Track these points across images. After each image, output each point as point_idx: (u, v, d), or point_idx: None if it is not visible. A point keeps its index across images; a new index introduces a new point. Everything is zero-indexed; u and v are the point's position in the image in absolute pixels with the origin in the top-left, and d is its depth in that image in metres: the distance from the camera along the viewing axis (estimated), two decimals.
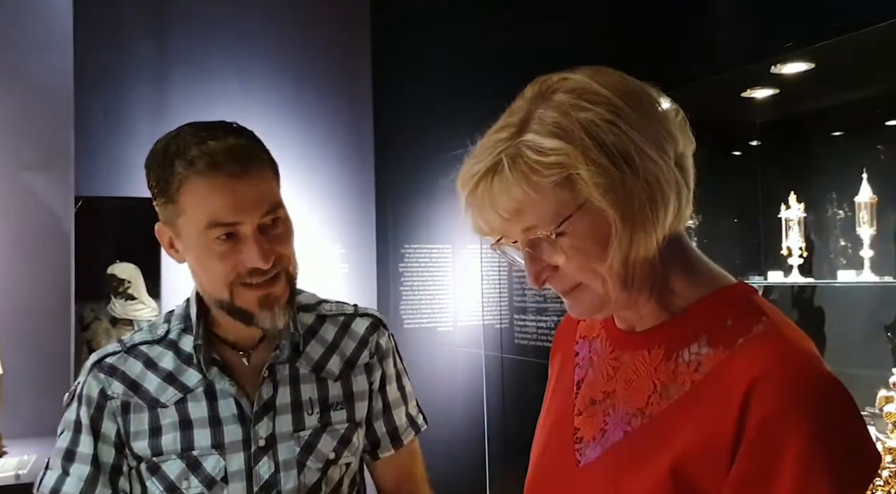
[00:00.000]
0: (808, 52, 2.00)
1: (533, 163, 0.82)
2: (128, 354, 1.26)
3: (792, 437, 0.76)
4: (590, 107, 0.83)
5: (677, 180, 0.86)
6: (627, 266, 0.85)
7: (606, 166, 0.81)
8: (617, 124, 0.82)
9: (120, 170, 3.59)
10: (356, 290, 4.20)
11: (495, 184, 0.84)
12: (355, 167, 4.24)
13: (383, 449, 1.38)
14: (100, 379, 1.23)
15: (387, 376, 1.38)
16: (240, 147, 1.13)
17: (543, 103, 0.85)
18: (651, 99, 0.88)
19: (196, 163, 1.11)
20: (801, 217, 2.48)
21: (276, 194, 1.18)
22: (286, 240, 1.19)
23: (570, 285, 0.89)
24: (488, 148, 0.85)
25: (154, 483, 1.20)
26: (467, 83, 3.57)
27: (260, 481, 1.21)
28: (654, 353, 0.91)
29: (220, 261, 1.15)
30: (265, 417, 1.23)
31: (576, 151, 0.81)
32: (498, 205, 0.84)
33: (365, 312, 1.41)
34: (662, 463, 0.84)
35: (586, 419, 0.98)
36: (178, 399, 1.22)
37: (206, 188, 1.11)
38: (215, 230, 1.13)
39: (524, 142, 0.83)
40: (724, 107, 2.55)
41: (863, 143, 2.48)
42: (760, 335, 0.84)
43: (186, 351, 1.25)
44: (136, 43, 3.71)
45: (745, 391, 0.79)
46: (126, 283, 3.69)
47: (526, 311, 3.12)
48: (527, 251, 0.87)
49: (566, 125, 0.82)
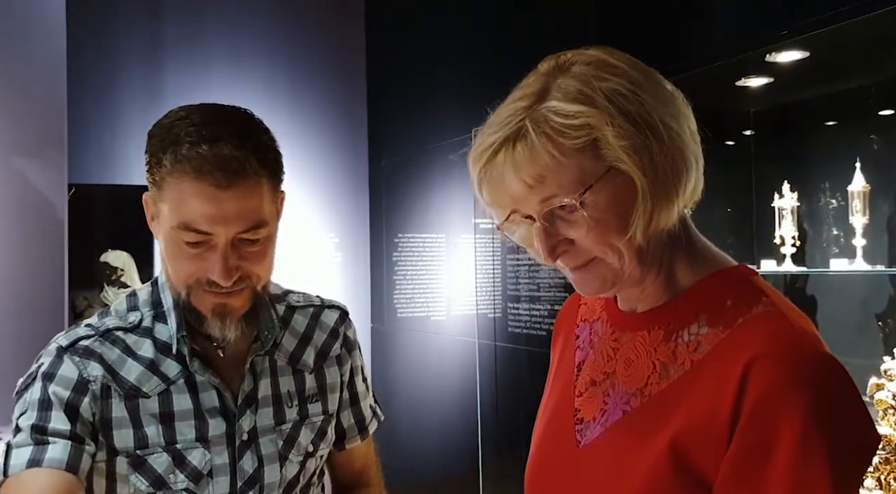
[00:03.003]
0: (803, 41, 2.00)
1: (559, 126, 0.82)
2: (103, 339, 1.19)
3: (789, 415, 0.76)
4: (610, 77, 0.84)
5: (696, 152, 0.87)
6: (647, 237, 0.86)
7: (630, 131, 0.81)
8: (638, 94, 0.83)
9: (113, 158, 3.59)
10: (350, 279, 4.20)
11: (518, 150, 0.83)
12: (349, 156, 4.24)
13: (350, 440, 1.39)
14: (74, 362, 1.14)
15: (354, 368, 1.39)
16: (232, 159, 1.06)
17: (562, 75, 0.86)
18: (661, 78, 0.90)
19: (184, 163, 1.06)
20: (794, 206, 2.48)
21: (262, 212, 1.11)
22: (260, 258, 1.14)
23: (586, 259, 0.88)
24: (507, 117, 0.85)
25: (139, 478, 1.14)
26: (462, 73, 3.56)
27: (244, 475, 1.19)
28: (653, 334, 0.92)
29: (184, 262, 1.11)
30: (248, 410, 1.21)
31: (601, 115, 0.81)
32: (521, 172, 0.83)
33: (332, 304, 1.40)
34: (661, 442, 0.84)
35: (587, 400, 0.98)
36: (161, 389, 1.17)
37: (189, 190, 1.06)
38: (187, 233, 1.08)
39: (547, 108, 0.83)
40: (719, 95, 2.55)
41: (856, 133, 2.48)
42: (760, 315, 0.85)
43: (162, 340, 1.20)
44: (130, 30, 3.70)
45: (744, 369, 0.80)
46: (119, 271, 3.69)
47: (519, 300, 3.12)
48: (543, 224, 0.86)
49: (589, 92, 0.82)
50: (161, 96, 3.71)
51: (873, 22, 1.80)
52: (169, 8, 3.79)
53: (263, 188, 1.11)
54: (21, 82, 2.83)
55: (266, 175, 1.12)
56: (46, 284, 2.85)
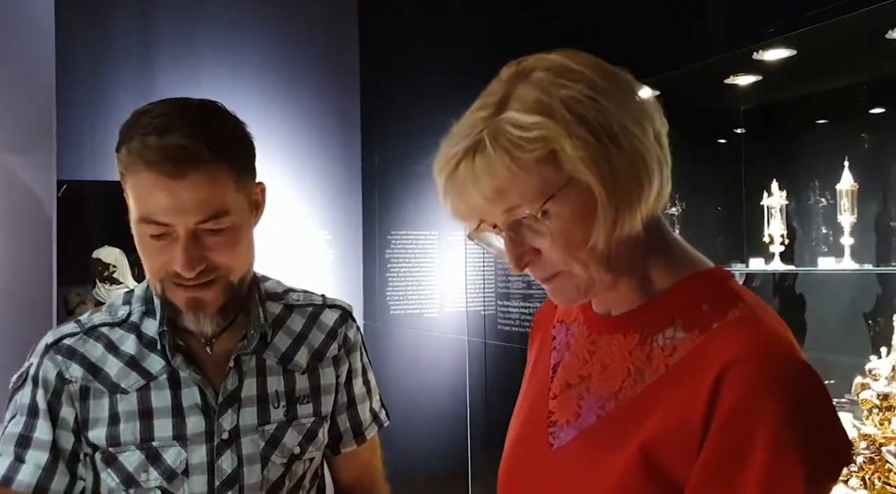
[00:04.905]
0: (791, 39, 2.00)
1: (516, 139, 0.81)
2: (87, 336, 1.20)
3: (763, 421, 0.76)
4: (569, 84, 0.82)
5: (659, 156, 0.85)
6: (611, 245, 0.84)
7: (589, 140, 0.80)
8: (598, 100, 0.82)
9: (105, 155, 3.56)
10: (342, 277, 4.20)
11: (477, 163, 0.82)
12: (342, 154, 4.23)
13: (345, 444, 1.35)
14: (57, 362, 1.17)
15: (353, 370, 1.35)
16: (180, 148, 1.05)
17: (522, 82, 0.84)
18: (627, 79, 0.88)
19: (135, 155, 1.06)
20: (783, 204, 2.48)
21: (222, 201, 1.09)
22: (226, 249, 1.12)
23: (552, 272, 0.88)
24: (467, 128, 0.84)
25: (110, 475, 1.15)
26: (455, 70, 3.56)
27: (222, 475, 1.17)
28: (629, 337, 0.91)
29: (152, 255, 1.11)
30: (229, 409, 1.19)
31: (558, 126, 0.80)
32: (481, 185, 0.83)
33: (334, 303, 1.38)
34: (633, 446, 0.84)
35: (561, 402, 0.98)
36: (140, 385, 1.17)
37: (143, 182, 1.07)
38: (148, 226, 1.08)
39: (505, 119, 0.82)
40: (708, 93, 2.55)
41: (846, 131, 2.48)
42: (736, 320, 0.84)
43: (149, 335, 1.20)
44: (120, 25, 3.69)
45: (718, 374, 0.79)
46: (111, 267, 3.68)
47: (510, 298, 3.12)
48: (508, 234, 0.86)
49: (547, 101, 0.81)
50: (153, 93, 3.69)
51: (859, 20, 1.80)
52: (161, 3, 3.78)
53: (222, 176, 1.10)
54: (9, 78, 2.82)
55: (225, 163, 1.10)
56: (35, 281, 2.84)
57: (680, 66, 2.21)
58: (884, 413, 1.86)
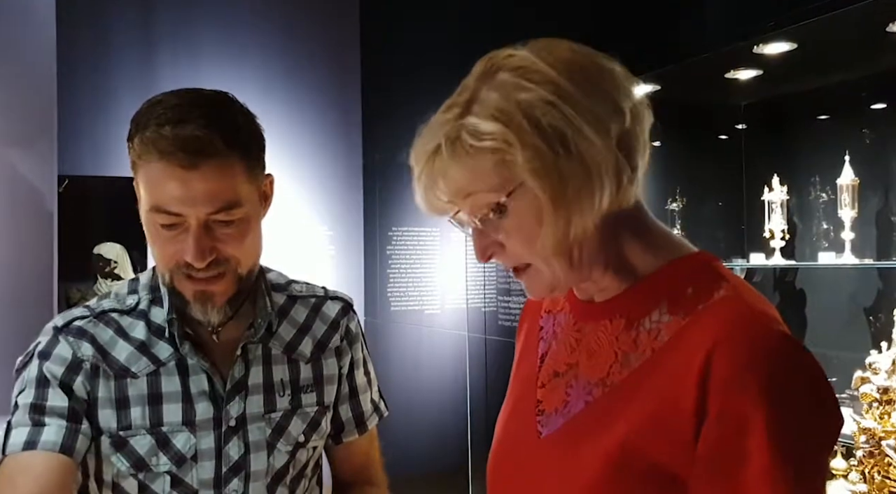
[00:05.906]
0: (791, 32, 2.00)
1: (468, 148, 0.83)
2: (97, 319, 1.20)
3: (753, 399, 0.76)
4: (531, 87, 0.83)
5: (617, 162, 0.84)
6: (565, 246, 0.85)
7: (541, 149, 0.81)
8: (556, 105, 0.82)
9: (106, 150, 3.58)
10: (343, 272, 4.20)
11: (437, 164, 0.85)
12: (343, 150, 4.23)
13: (347, 434, 1.37)
14: (69, 342, 1.17)
15: (355, 361, 1.36)
16: (195, 139, 1.05)
17: (488, 82, 0.86)
18: (601, 73, 0.87)
19: (149, 145, 1.06)
20: (783, 199, 2.48)
21: (235, 192, 1.10)
22: (236, 240, 1.12)
23: (518, 264, 0.90)
24: (434, 128, 0.87)
25: (119, 459, 1.15)
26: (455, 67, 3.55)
27: (229, 461, 1.18)
28: (615, 323, 0.91)
29: (162, 244, 1.11)
30: (237, 397, 1.20)
31: (512, 135, 0.81)
32: (439, 186, 0.86)
33: (336, 295, 1.39)
34: (620, 430, 0.84)
35: (549, 391, 0.98)
36: (150, 370, 1.18)
37: (156, 172, 1.07)
38: (160, 215, 1.09)
39: (464, 125, 0.84)
40: (709, 89, 2.55)
41: (846, 127, 2.48)
42: (720, 300, 0.84)
43: (157, 322, 1.20)
44: (121, 20, 3.69)
45: (706, 356, 0.79)
46: (113, 263, 3.69)
47: (510, 294, 3.12)
48: (474, 225, 0.88)
49: (505, 107, 0.82)
50: (154, 89, 3.64)
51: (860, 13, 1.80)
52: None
53: (235, 168, 1.10)
54: (10, 72, 2.82)
55: (238, 155, 1.10)
56: (36, 276, 2.84)
57: (680, 61, 2.20)
58: (884, 407, 1.86)
